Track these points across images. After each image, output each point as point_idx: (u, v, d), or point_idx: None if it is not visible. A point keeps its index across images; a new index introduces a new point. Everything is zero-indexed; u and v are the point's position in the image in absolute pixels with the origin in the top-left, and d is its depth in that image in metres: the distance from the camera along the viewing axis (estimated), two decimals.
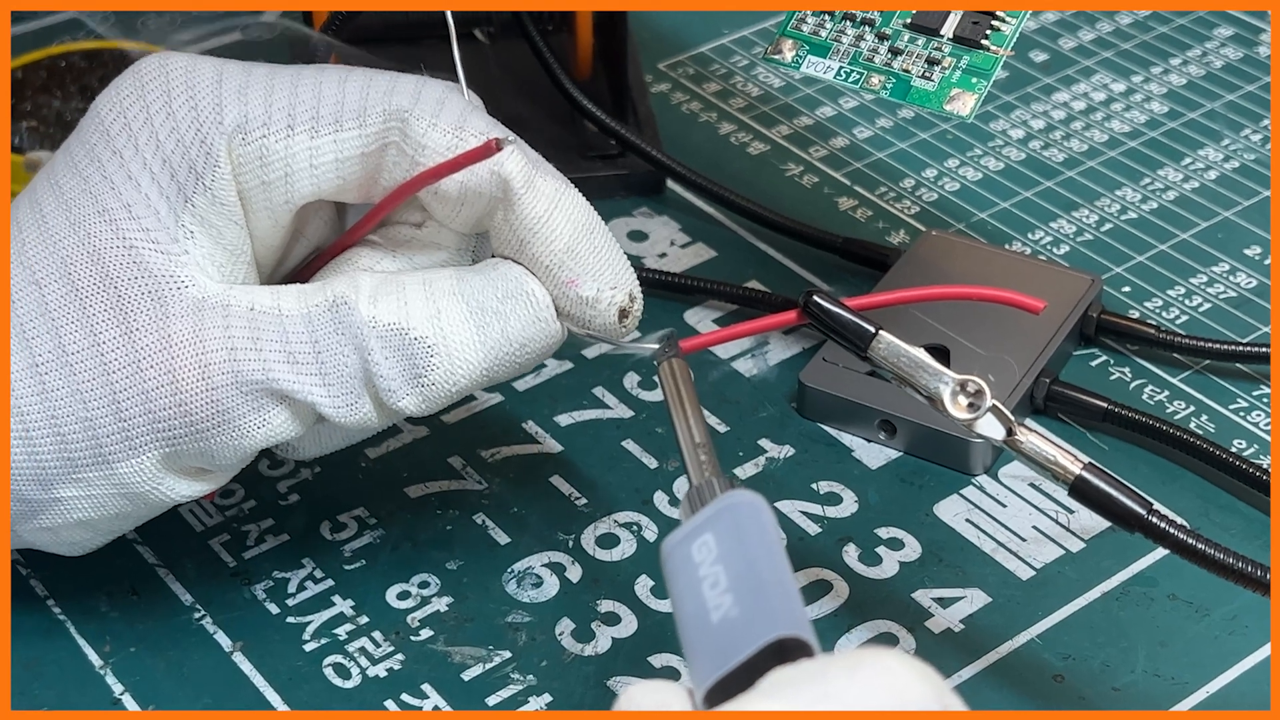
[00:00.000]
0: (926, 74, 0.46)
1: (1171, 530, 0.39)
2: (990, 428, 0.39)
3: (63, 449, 0.41)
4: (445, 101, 0.43)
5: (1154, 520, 0.39)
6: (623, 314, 0.43)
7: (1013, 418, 0.39)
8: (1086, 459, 0.40)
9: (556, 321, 0.42)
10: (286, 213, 0.43)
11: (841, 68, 0.46)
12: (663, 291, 0.55)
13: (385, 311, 0.41)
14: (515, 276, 0.42)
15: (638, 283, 0.43)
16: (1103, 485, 0.39)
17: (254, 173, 0.42)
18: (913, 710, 0.30)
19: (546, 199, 0.42)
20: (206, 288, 0.41)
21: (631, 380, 0.52)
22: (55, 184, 0.42)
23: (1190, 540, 0.39)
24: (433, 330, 0.41)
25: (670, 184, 0.60)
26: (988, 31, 0.46)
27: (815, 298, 0.41)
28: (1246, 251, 0.57)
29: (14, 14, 0.69)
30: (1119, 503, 0.39)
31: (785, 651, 0.33)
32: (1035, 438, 0.39)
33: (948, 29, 0.46)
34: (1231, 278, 0.56)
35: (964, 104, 0.45)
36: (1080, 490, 0.39)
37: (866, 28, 0.47)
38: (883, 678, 0.31)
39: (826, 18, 0.47)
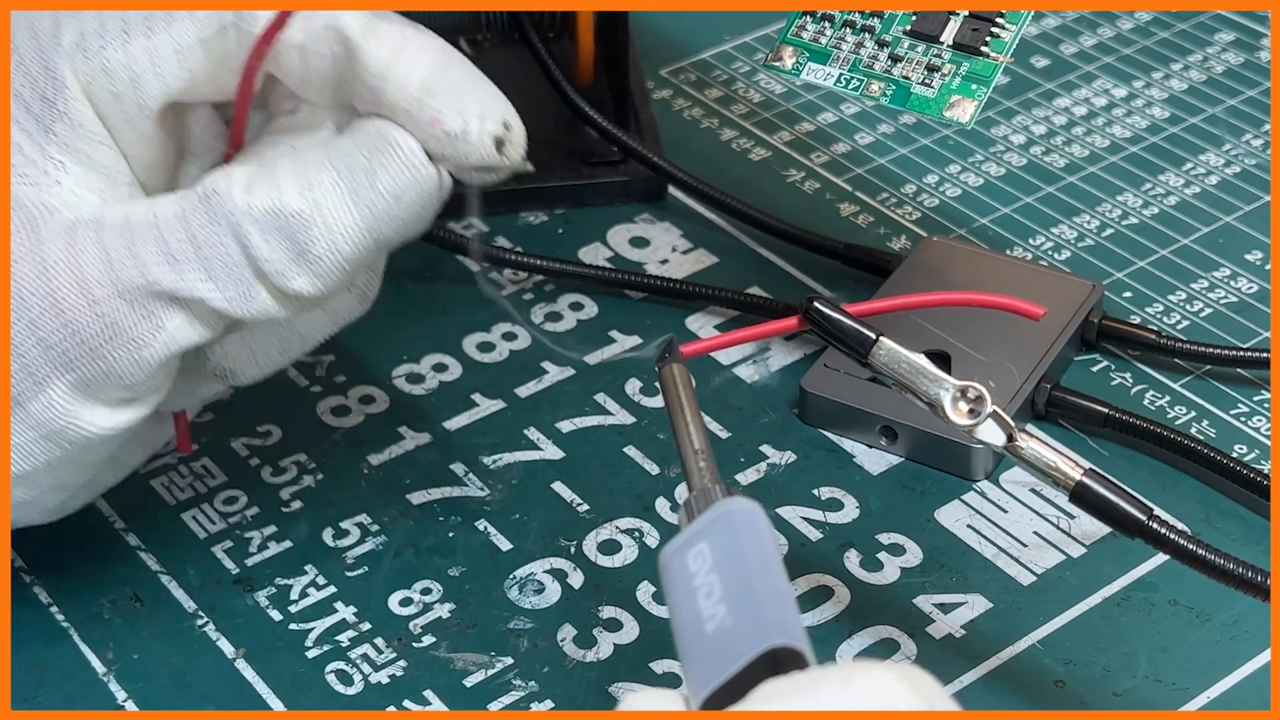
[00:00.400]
0: (926, 81, 0.46)
1: (1172, 536, 0.39)
2: (990, 434, 0.39)
3: None
4: None
5: (1154, 526, 0.39)
6: (499, 143, 0.40)
7: (1013, 423, 0.39)
8: (1087, 465, 0.40)
9: (429, 166, 0.40)
10: (146, 121, 0.42)
11: (841, 75, 0.47)
12: (664, 298, 0.56)
13: (260, 197, 0.40)
14: (378, 130, 0.40)
15: (513, 110, 0.41)
16: (1103, 491, 0.39)
17: (102, 87, 0.41)
18: (899, 710, 0.30)
19: (391, 43, 0.40)
20: (79, 210, 0.41)
21: (633, 386, 0.53)
22: None
23: (1190, 546, 0.39)
24: (306, 203, 0.40)
25: (672, 190, 0.60)
26: (987, 38, 0.46)
27: (816, 304, 0.41)
28: (1247, 256, 0.57)
29: None
30: (1119, 508, 0.39)
31: (779, 662, 0.33)
32: (1035, 444, 0.40)
33: (948, 36, 0.46)
34: (1232, 283, 0.56)
35: (964, 111, 0.45)
36: (1080, 496, 0.39)
37: (866, 35, 0.47)
38: (874, 691, 0.31)
39: (826, 24, 0.47)
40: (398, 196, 0.40)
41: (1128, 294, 0.55)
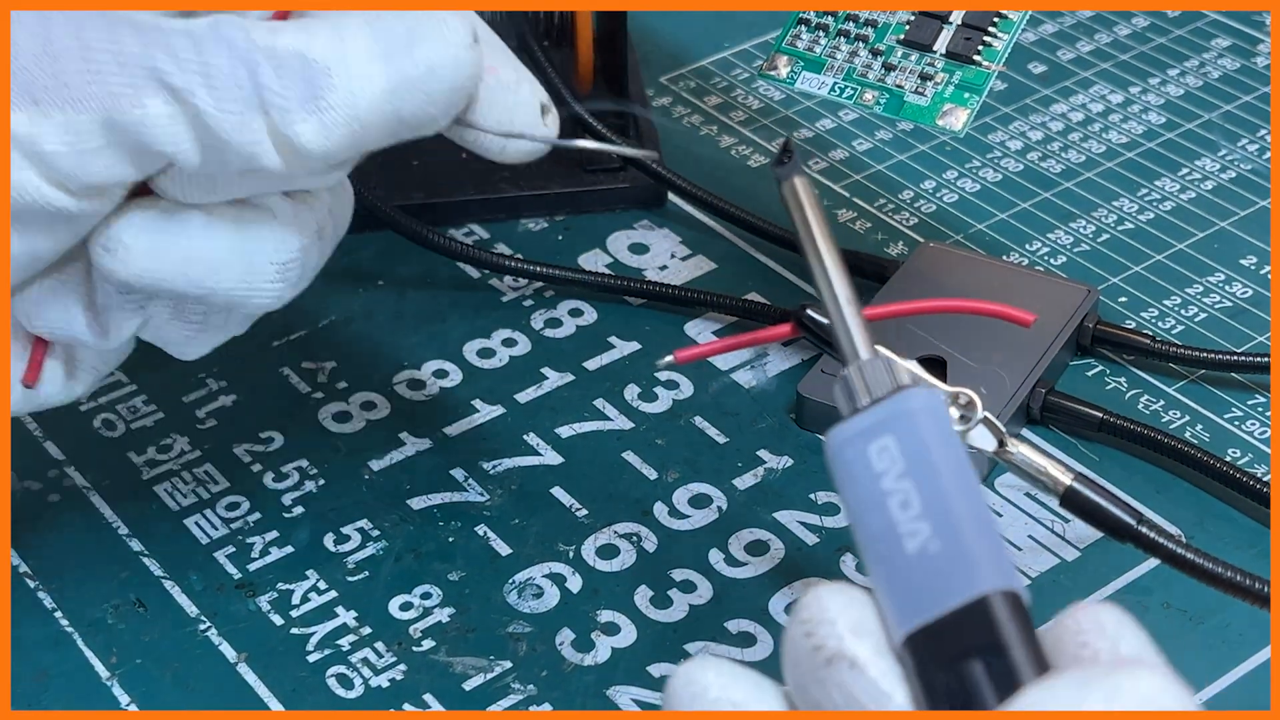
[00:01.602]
0: (919, 89, 0.46)
1: (1161, 540, 0.39)
2: (982, 439, 0.40)
3: None
4: None
5: (1144, 530, 0.39)
6: (544, 109, 0.40)
7: (1004, 429, 0.40)
8: (1076, 470, 0.41)
9: (472, 50, 0.38)
10: None
11: (835, 83, 0.47)
12: (663, 304, 0.56)
13: (285, 38, 0.38)
14: (431, 11, 0.39)
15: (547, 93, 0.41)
16: (1093, 496, 0.39)
17: None
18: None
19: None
20: None
21: (632, 392, 0.53)
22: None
23: (1180, 551, 0.39)
24: (334, 53, 0.38)
25: (671, 197, 0.60)
26: (980, 47, 0.46)
27: (809, 311, 0.41)
28: (1242, 261, 0.57)
29: None
30: (1109, 513, 0.39)
31: (996, 609, 0.30)
32: (1026, 449, 0.40)
33: (940, 45, 0.47)
34: (1227, 288, 0.56)
35: (956, 119, 0.46)
36: (1070, 501, 0.39)
37: (860, 44, 0.47)
38: (1144, 705, 0.29)
39: (821, 34, 0.48)
40: (432, 68, 0.38)
41: (1123, 299, 0.56)
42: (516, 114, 0.40)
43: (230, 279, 0.40)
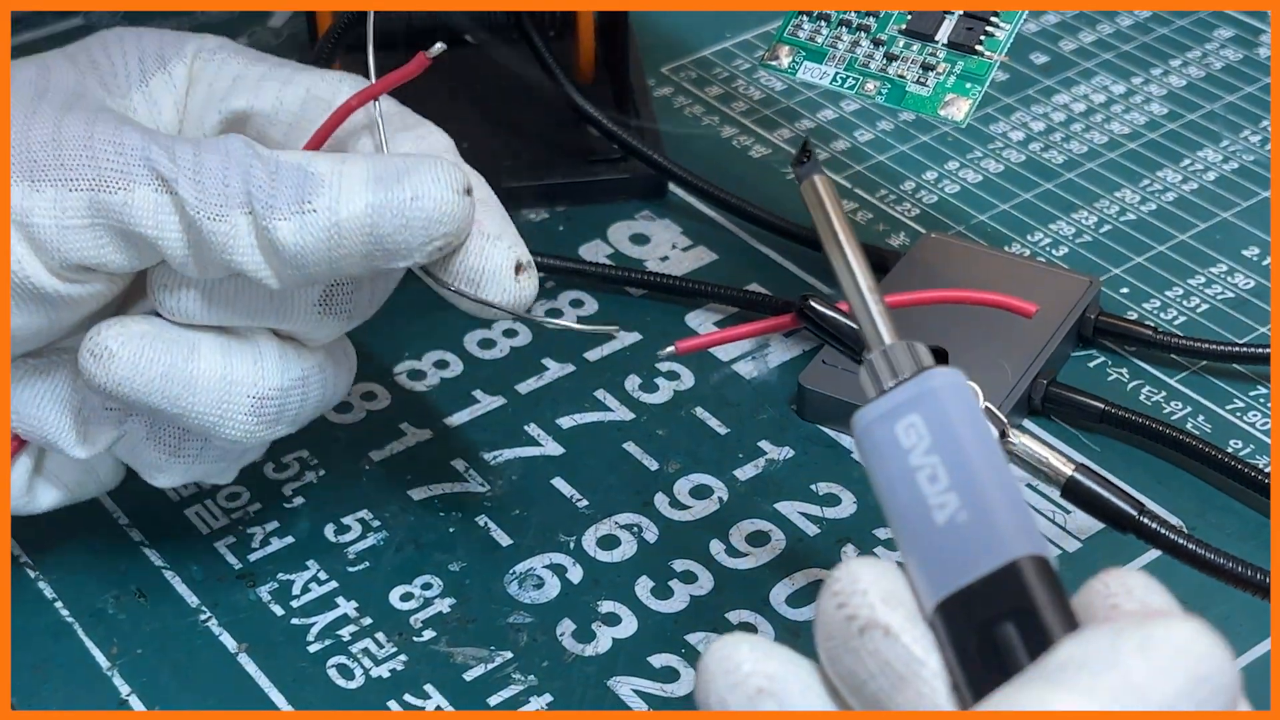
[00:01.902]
0: (921, 79, 0.46)
1: (1163, 531, 0.39)
2: None
3: None
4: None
5: (1145, 521, 0.39)
6: (519, 267, 0.42)
7: (1005, 420, 0.40)
8: (1078, 460, 0.41)
9: (460, 195, 0.41)
10: (216, 114, 0.44)
11: (837, 73, 0.47)
12: (664, 294, 0.56)
13: (290, 154, 0.41)
14: (431, 156, 0.42)
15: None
16: (1094, 486, 0.39)
17: (209, 75, 0.44)
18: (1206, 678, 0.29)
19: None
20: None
21: (633, 383, 0.53)
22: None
23: (1181, 541, 0.39)
24: (332, 171, 0.41)
25: (672, 187, 0.60)
26: (982, 37, 0.46)
27: (810, 302, 0.41)
28: (1244, 252, 0.57)
29: (23, 19, 0.70)
30: (1110, 504, 0.39)
31: (1026, 574, 0.31)
32: (1028, 439, 0.40)
33: (942, 35, 0.46)
34: (1229, 279, 0.56)
35: (958, 109, 0.45)
36: (1072, 491, 0.39)
37: (862, 33, 0.47)
38: (1182, 657, 0.29)
39: (823, 24, 0.48)
40: (415, 196, 0.40)
41: (1125, 290, 0.56)
42: (488, 264, 0.42)
43: (205, 402, 0.42)
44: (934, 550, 0.31)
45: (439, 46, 0.43)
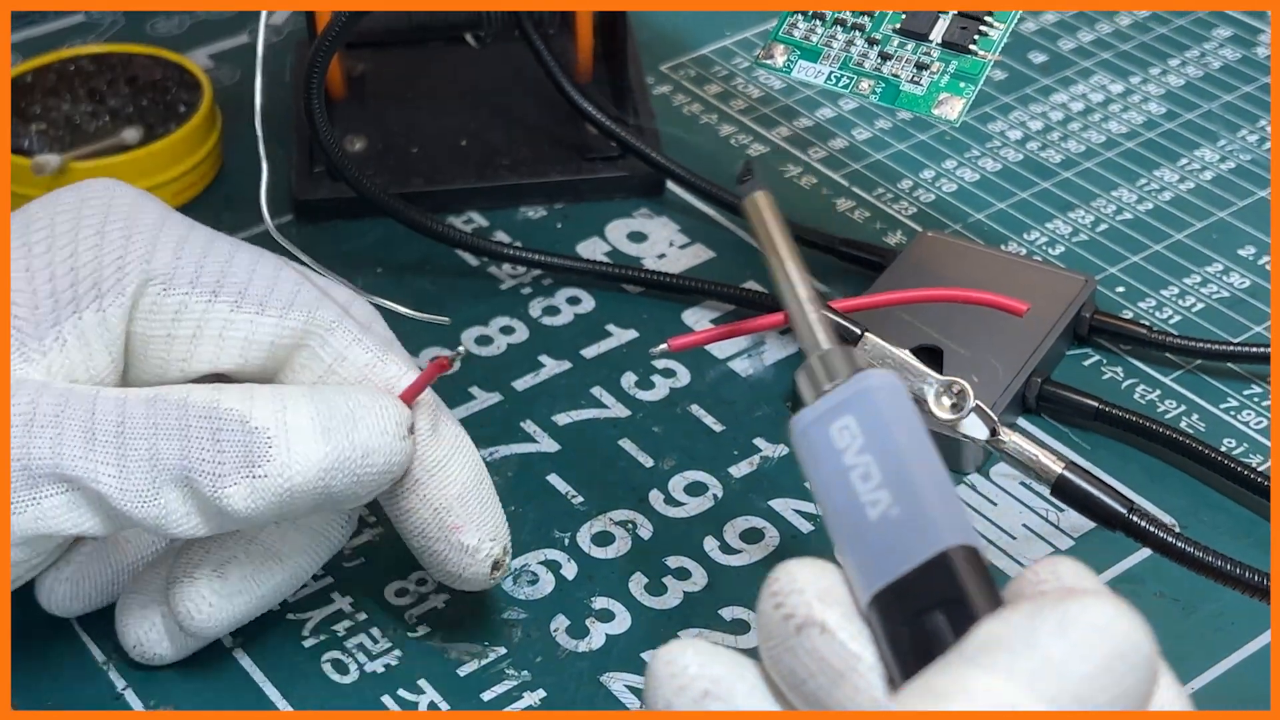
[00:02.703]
0: (915, 79, 0.46)
1: (1152, 530, 0.39)
2: (974, 428, 0.40)
3: None
4: (371, 326, 0.44)
5: (1135, 519, 0.39)
6: (496, 565, 0.43)
7: (996, 418, 0.40)
8: (1069, 459, 0.41)
9: (406, 441, 0.41)
10: (179, 373, 0.43)
11: (832, 72, 0.47)
12: (662, 292, 0.56)
13: (229, 398, 0.40)
14: (371, 391, 0.41)
15: (510, 537, 0.43)
16: (1084, 485, 0.39)
17: (164, 323, 0.42)
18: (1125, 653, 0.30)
19: (448, 443, 0.43)
20: (32, 375, 0.41)
21: (629, 380, 0.53)
22: None
23: (1171, 540, 0.39)
24: (275, 422, 0.40)
25: (670, 185, 0.61)
26: (976, 36, 0.46)
27: None
28: (1240, 252, 0.57)
29: (24, 16, 0.70)
30: (1100, 502, 0.39)
31: (955, 564, 0.31)
32: (1018, 438, 0.40)
33: (936, 34, 0.47)
34: (1225, 278, 0.56)
35: (952, 108, 0.46)
36: (1062, 489, 0.40)
37: (857, 33, 0.47)
38: (1098, 635, 0.30)
39: (818, 23, 0.48)
40: (367, 453, 0.41)
41: (1121, 289, 0.56)
42: (467, 572, 0.43)
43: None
44: (868, 546, 0.32)
45: (461, 350, 0.43)
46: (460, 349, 0.43)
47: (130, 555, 0.45)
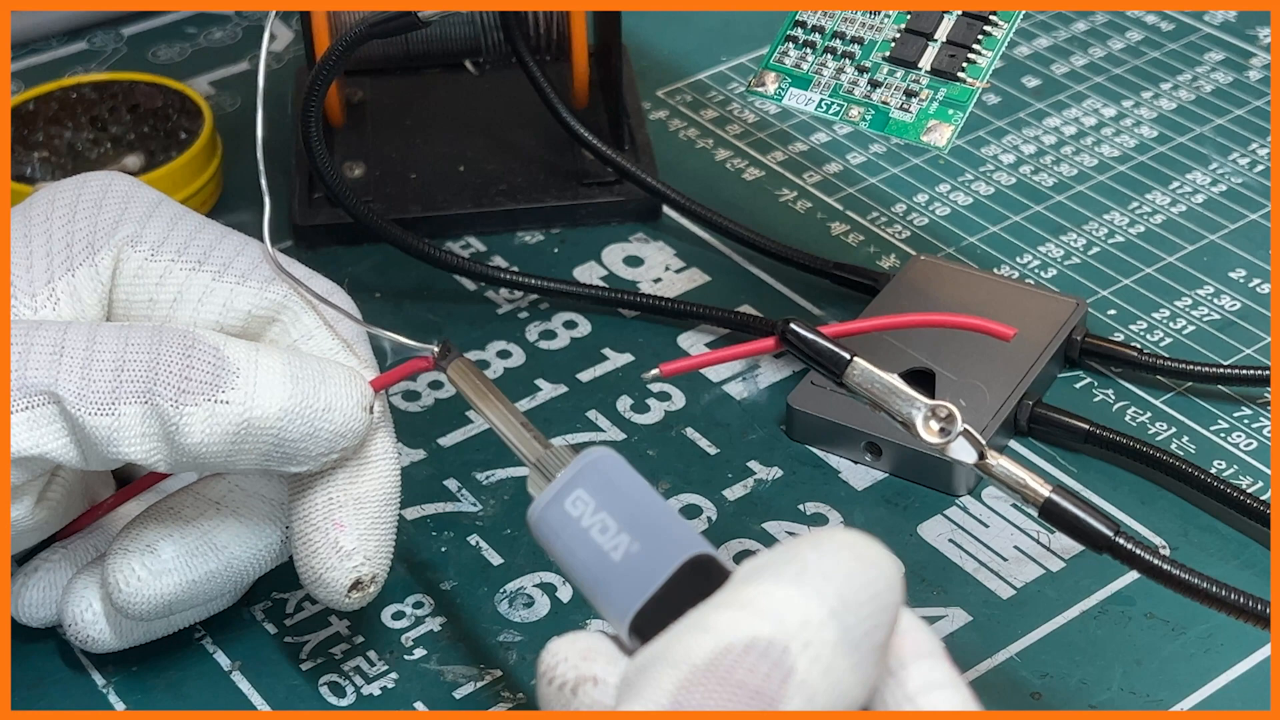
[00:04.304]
0: (904, 106, 0.47)
1: (1139, 552, 0.40)
2: (962, 451, 0.40)
3: None
4: (344, 320, 0.45)
5: (1121, 542, 0.40)
6: (358, 584, 0.43)
7: (983, 442, 0.40)
8: (1056, 483, 0.41)
9: (366, 414, 0.42)
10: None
11: (822, 100, 0.48)
12: (657, 316, 0.57)
13: (206, 331, 0.41)
14: (342, 365, 0.42)
15: (385, 573, 0.43)
16: (1071, 507, 0.40)
17: (147, 288, 0.43)
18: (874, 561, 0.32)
19: (375, 450, 0.43)
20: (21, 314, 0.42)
21: (624, 404, 0.54)
22: None
23: (1157, 562, 0.40)
24: (246, 359, 0.40)
25: (666, 210, 0.61)
26: (964, 64, 0.47)
27: (792, 325, 0.42)
28: (1231, 274, 0.58)
29: (26, 45, 0.71)
30: (1087, 525, 0.40)
31: (703, 569, 0.35)
32: (1006, 461, 0.40)
33: (925, 62, 0.47)
34: (1216, 300, 0.57)
35: (940, 135, 0.46)
36: (1049, 512, 0.40)
37: (847, 60, 0.48)
38: (850, 548, 0.32)
39: (809, 51, 0.48)
40: (329, 407, 0.41)
41: (1112, 311, 0.56)
42: (325, 575, 0.43)
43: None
44: (618, 584, 0.35)
45: (437, 347, 0.44)
46: (435, 347, 0.44)
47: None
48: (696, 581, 0.34)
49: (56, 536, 0.45)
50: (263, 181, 0.47)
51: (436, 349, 0.44)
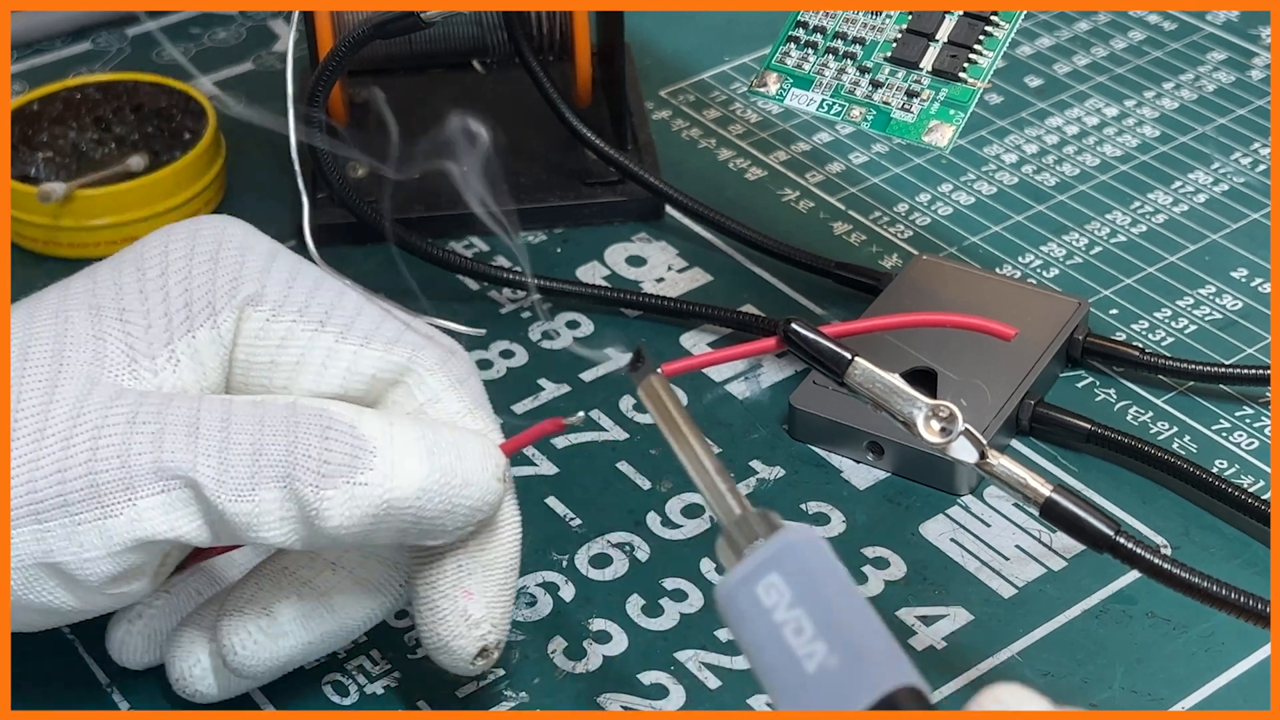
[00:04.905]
0: (906, 106, 0.47)
1: (1139, 551, 0.40)
2: (963, 451, 0.40)
3: None
4: (467, 381, 0.43)
5: (1121, 541, 0.40)
6: (484, 652, 0.42)
7: (984, 441, 0.40)
8: (1056, 482, 0.41)
9: (501, 484, 0.41)
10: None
11: (824, 100, 0.48)
12: (660, 315, 0.57)
13: (337, 407, 0.40)
14: (473, 432, 0.41)
15: (506, 642, 0.43)
16: (1071, 507, 0.40)
17: (269, 350, 0.42)
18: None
19: (503, 516, 0.43)
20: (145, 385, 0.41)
21: (627, 403, 0.54)
22: (67, 284, 0.42)
23: (1157, 561, 0.40)
24: (382, 435, 0.39)
25: (669, 210, 0.61)
26: (965, 65, 0.47)
27: (793, 325, 0.42)
28: (1233, 274, 0.58)
29: (30, 45, 0.71)
30: (1087, 524, 0.40)
31: (898, 704, 0.32)
32: (1007, 461, 0.41)
33: (927, 62, 0.47)
34: (1217, 300, 0.57)
35: (942, 135, 0.46)
36: (1050, 512, 0.40)
37: (849, 61, 0.48)
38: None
39: (810, 51, 0.48)
40: (466, 482, 0.40)
41: (1114, 310, 0.56)
42: (453, 644, 0.42)
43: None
44: (810, 699, 0.32)
45: (579, 416, 0.43)
46: (579, 415, 0.43)
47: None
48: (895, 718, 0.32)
49: None
50: (300, 183, 0.46)
51: (628, 359, 0.39)
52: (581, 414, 0.43)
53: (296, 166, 0.47)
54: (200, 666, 0.43)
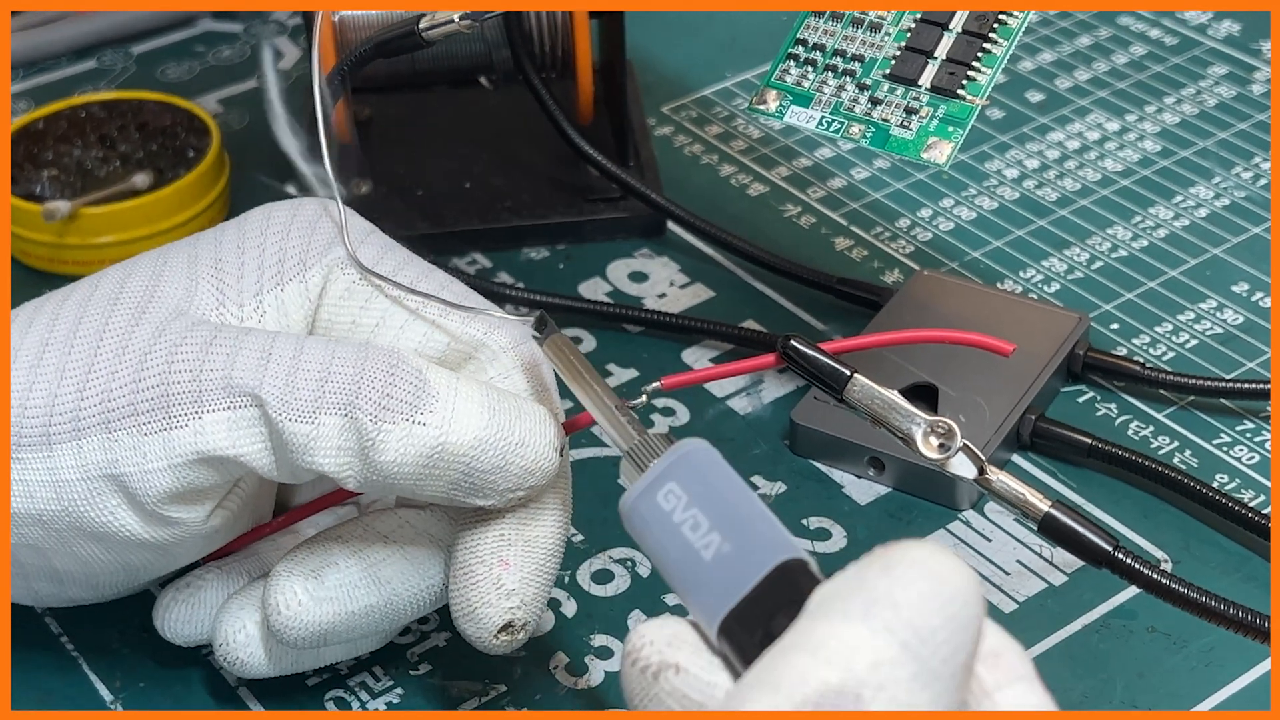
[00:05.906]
0: (905, 123, 0.47)
1: (1138, 567, 0.40)
2: (962, 467, 0.41)
3: (18, 420, 0.40)
4: (538, 365, 0.44)
5: (1120, 556, 0.40)
6: (509, 627, 0.42)
7: (984, 457, 0.40)
8: (1055, 497, 0.41)
9: (556, 455, 0.42)
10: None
11: (823, 117, 0.48)
12: (662, 331, 0.57)
13: (410, 354, 0.41)
14: (536, 404, 0.42)
15: (534, 628, 0.43)
16: (1070, 522, 0.40)
17: (352, 310, 0.43)
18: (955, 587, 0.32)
19: (551, 498, 0.43)
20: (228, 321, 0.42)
21: None
22: (170, 245, 0.44)
23: (1155, 576, 0.40)
24: (447, 385, 0.40)
25: (671, 226, 0.61)
26: (964, 81, 0.47)
27: (793, 342, 0.42)
28: (1234, 288, 0.58)
29: (35, 64, 0.71)
30: (1086, 539, 0.40)
31: (792, 574, 0.34)
32: (1006, 476, 0.41)
33: (925, 79, 0.47)
34: (1219, 314, 0.57)
35: (941, 152, 0.46)
36: (1048, 527, 0.40)
37: (848, 78, 0.48)
38: (920, 567, 0.32)
39: (809, 68, 0.49)
40: (523, 442, 0.41)
41: (1115, 325, 0.57)
42: (479, 612, 0.42)
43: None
44: (708, 584, 0.35)
45: (643, 399, 0.42)
46: (641, 398, 0.42)
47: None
48: (786, 587, 0.34)
49: (211, 555, 0.45)
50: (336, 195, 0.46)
51: (535, 321, 0.42)
52: (644, 397, 0.43)
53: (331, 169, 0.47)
54: (244, 634, 0.43)
